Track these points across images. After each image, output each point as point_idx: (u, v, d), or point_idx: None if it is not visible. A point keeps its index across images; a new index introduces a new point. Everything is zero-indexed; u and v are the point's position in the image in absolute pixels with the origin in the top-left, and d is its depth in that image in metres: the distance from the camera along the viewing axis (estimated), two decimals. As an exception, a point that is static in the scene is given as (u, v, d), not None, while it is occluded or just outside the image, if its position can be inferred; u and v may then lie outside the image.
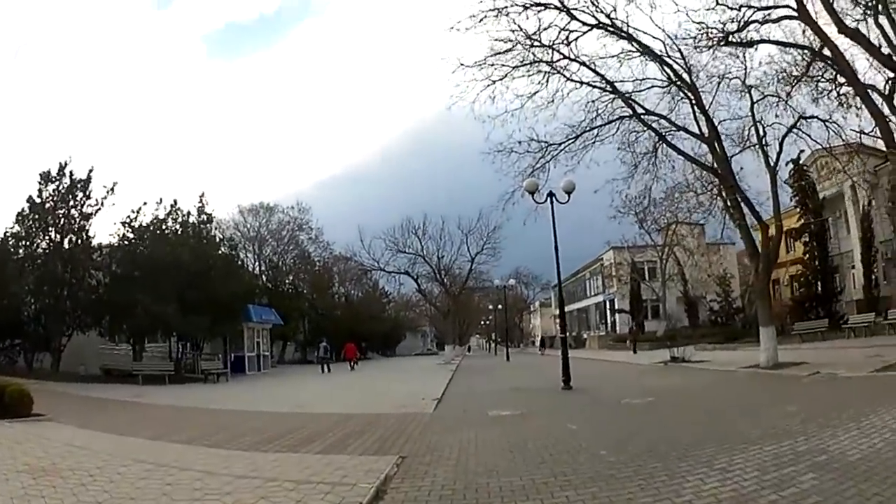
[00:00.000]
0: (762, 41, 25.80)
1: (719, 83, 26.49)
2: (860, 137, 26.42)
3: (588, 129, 27.05)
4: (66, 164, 38.46)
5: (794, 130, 25.77)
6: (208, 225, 44.67)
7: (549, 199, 25.59)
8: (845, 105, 25.40)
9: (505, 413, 17.41)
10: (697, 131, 26.57)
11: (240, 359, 47.73)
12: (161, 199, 42.88)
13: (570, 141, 27.08)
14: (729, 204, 27.37)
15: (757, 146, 26.30)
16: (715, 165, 26.57)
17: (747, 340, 44.00)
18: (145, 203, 41.74)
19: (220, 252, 45.48)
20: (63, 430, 15.68)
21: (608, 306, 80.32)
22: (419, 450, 12.05)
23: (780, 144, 26.02)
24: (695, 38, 25.68)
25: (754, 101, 26.11)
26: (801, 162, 38.60)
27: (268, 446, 13.06)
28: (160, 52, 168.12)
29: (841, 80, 24.88)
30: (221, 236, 50.45)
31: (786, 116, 26.01)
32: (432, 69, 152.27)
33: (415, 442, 13.14)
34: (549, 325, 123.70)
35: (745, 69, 26.15)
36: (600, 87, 27.03)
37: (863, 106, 24.15)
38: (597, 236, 74.58)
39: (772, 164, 26.06)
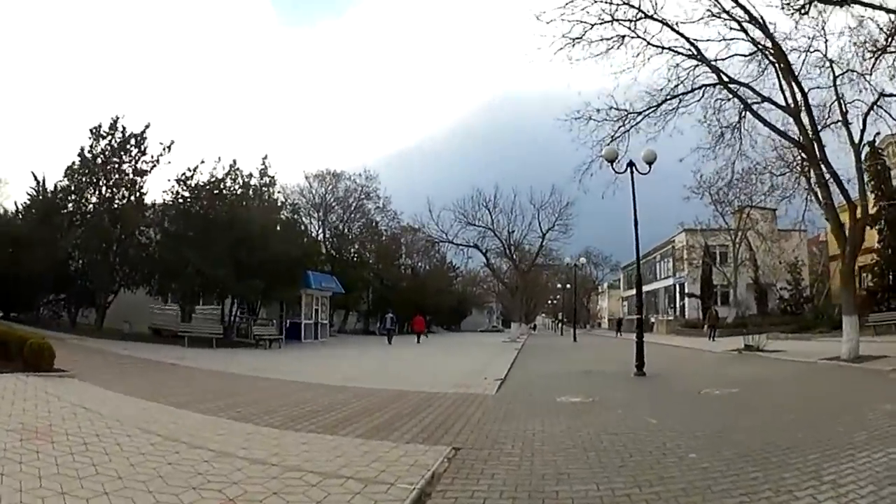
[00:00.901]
0: (855, 0, 23.36)
1: (803, 56, 24.66)
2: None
3: (670, 96, 25.56)
4: (118, 119, 37.56)
5: (875, 108, 24.04)
6: (270, 188, 43.44)
7: (628, 169, 23.82)
8: None
9: (575, 400, 15.63)
10: (783, 103, 24.89)
11: (296, 325, 46.49)
12: (220, 158, 41.67)
13: (651, 109, 25.65)
14: (813, 183, 25.81)
15: (840, 123, 24.53)
16: (801, 140, 24.80)
17: (820, 331, 43.30)
18: (203, 162, 39.71)
19: (280, 215, 44.42)
20: (81, 388, 14.75)
21: (678, 290, 78.21)
22: (476, 441, 10.41)
23: (864, 121, 24.23)
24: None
25: (836, 74, 24.25)
26: (875, 144, 36.18)
27: (302, 424, 11.64)
28: (230, 15, 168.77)
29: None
30: (284, 199, 48.68)
31: (866, 93, 24.25)
32: (510, 41, 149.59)
33: (472, 430, 11.51)
34: (617, 308, 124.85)
35: (825, 40, 24.25)
36: (683, 53, 25.38)
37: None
38: (667, 220, 72.69)
39: (856, 141, 24.41)
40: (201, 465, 7.93)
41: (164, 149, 37.67)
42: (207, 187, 38.79)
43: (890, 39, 23.38)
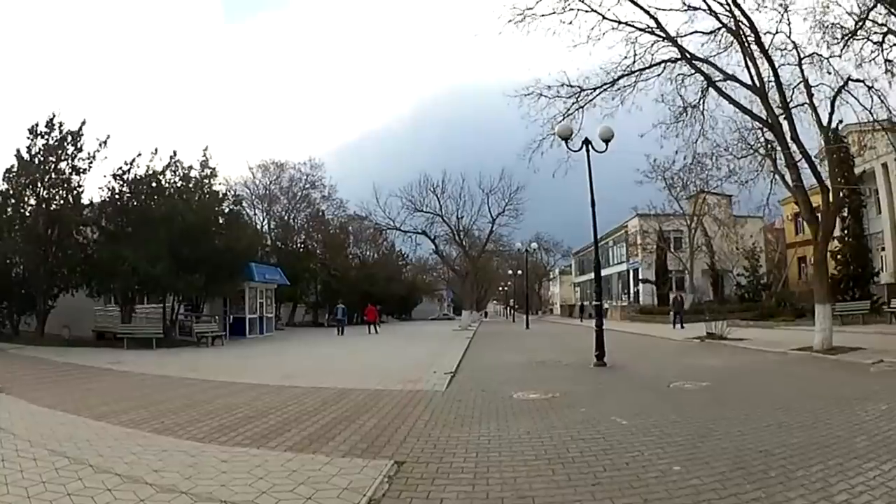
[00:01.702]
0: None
1: (768, 39, 23.93)
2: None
3: (627, 72, 24.79)
4: (55, 117, 35.91)
5: (842, 93, 23.31)
6: (211, 179, 41.55)
7: (584, 147, 22.56)
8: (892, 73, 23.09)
9: (533, 396, 14.49)
10: (748, 81, 24.13)
11: (240, 321, 44.94)
12: (156, 150, 40.42)
13: (607, 86, 24.89)
14: (781, 165, 24.98)
15: (807, 105, 23.79)
16: (768, 119, 23.98)
17: (783, 320, 43.31)
18: (139, 154, 38.57)
19: (222, 207, 42.80)
20: (5, 404, 13.87)
21: (631, 276, 78.07)
22: (423, 451, 9.33)
23: (832, 104, 23.38)
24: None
25: (801, 57, 23.58)
26: (838, 131, 35.80)
27: (228, 435, 10.60)
28: (172, 4, 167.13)
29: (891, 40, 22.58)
30: (226, 192, 46.99)
31: (830, 78, 23.74)
32: (460, 24, 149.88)
33: (418, 437, 10.38)
34: (570, 294, 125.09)
35: (789, 22, 23.63)
36: (642, 28, 24.50)
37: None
38: (620, 205, 72.88)
39: (824, 124, 23.66)
40: (102, 497, 7.05)
41: (100, 144, 36.04)
42: (145, 181, 37.41)
43: (859, 24, 22.85)
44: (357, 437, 10.22)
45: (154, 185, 37.44)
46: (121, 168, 36.99)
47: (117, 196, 37.07)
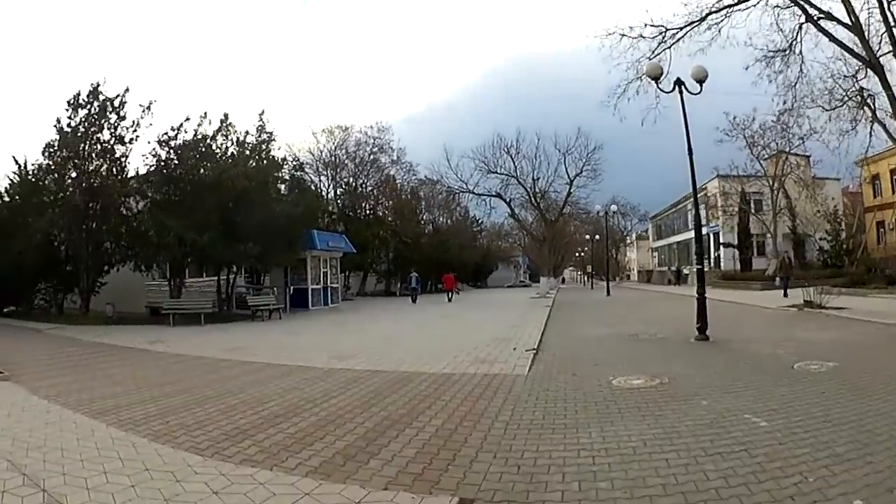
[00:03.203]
0: None
1: None
2: None
3: (716, 9, 22.99)
4: (98, 86, 33.75)
5: None
6: (269, 145, 38.94)
7: (676, 88, 19.91)
8: None
9: (637, 383, 11.82)
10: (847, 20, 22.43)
11: (302, 292, 42.67)
12: (206, 114, 36.88)
13: (695, 24, 23.13)
14: (887, 113, 23.42)
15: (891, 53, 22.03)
16: (870, 59, 22.28)
17: (875, 287, 40.92)
18: (188, 119, 35.54)
19: (281, 173, 40.82)
20: (4, 394, 12.28)
21: (712, 240, 74.43)
22: (500, 480, 6.65)
23: None
24: None
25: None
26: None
27: (240, 445, 8.23)
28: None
29: None
30: (284, 157, 45.35)
31: None
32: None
33: (495, 452, 7.68)
34: (647, 259, 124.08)
35: None
36: None
37: None
38: (698, 166, 70.51)
39: None
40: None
41: (143, 110, 33.87)
42: (193, 146, 34.94)
43: None
44: (411, 452, 7.66)
45: (203, 150, 35.13)
46: (166, 133, 34.46)
47: (163, 163, 34.64)
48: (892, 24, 21.34)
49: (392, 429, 8.79)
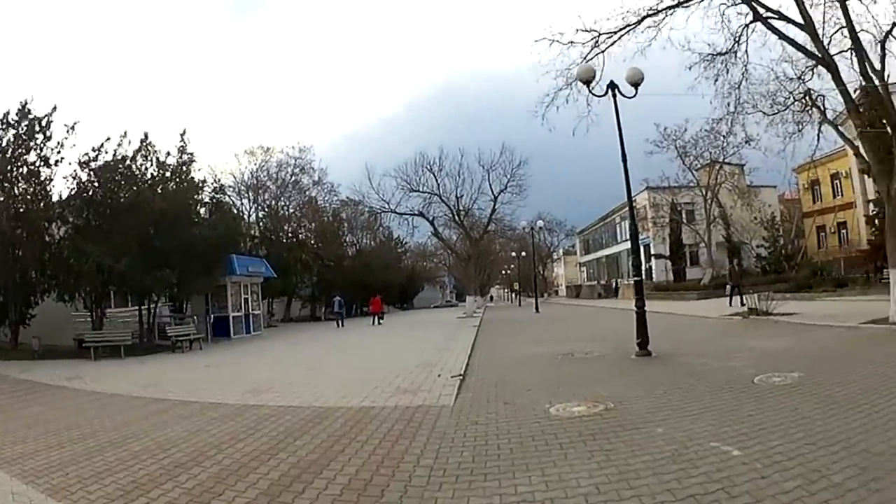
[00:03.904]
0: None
1: None
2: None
3: (653, 11, 22.17)
4: (26, 105, 32.15)
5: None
6: (189, 166, 37.88)
7: (610, 91, 19.19)
8: None
9: (578, 410, 10.66)
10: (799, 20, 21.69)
11: (223, 320, 41.18)
12: (126, 133, 35.65)
13: (631, 27, 22.39)
14: (836, 112, 23.30)
15: (851, 51, 21.36)
16: (823, 57, 21.50)
17: (823, 290, 40.17)
18: (108, 139, 34.40)
19: (199, 196, 39.37)
20: None
21: (643, 252, 73.97)
22: None
23: (882, 47, 21.08)
24: None
25: None
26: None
27: None
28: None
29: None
30: (204, 179, 43.36)
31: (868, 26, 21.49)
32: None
33: None
34: (574, 274, 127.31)
35: None
36: None
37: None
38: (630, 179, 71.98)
39: (877, 69, 21.03)
40: None
41: (68, 130, 32.30)
42: (112, 168, 33.73)
43: None
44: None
45: (123, 171, 33.98)
46: (87, 155, 33.34)
47: (83, 186, 33.50)
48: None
49: (299, 480, 7.75)
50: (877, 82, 20.87)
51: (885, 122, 22.90)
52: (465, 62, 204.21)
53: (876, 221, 40.37)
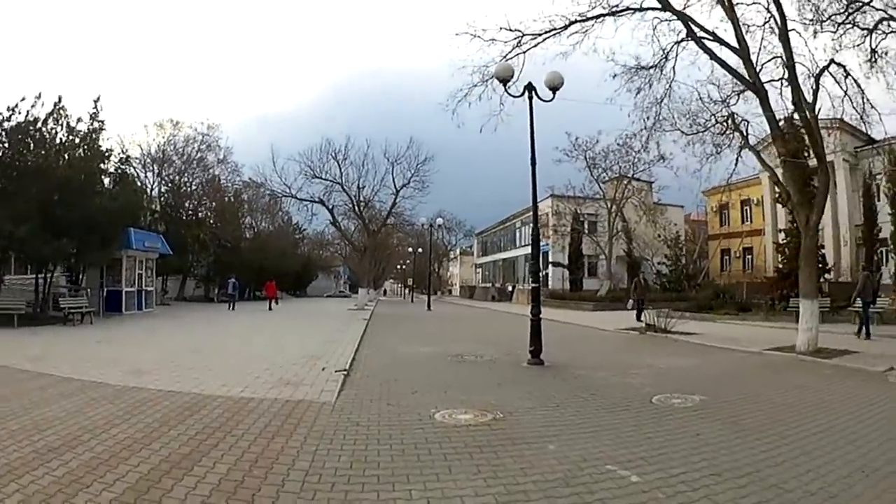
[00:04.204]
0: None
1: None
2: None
3: (582, 18, 22.15)
4: None
5: (825, 73, 21.62)
6: (99, 134, 36.63)
7: (526, 93, 19.21)
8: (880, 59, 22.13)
9: (465, 418, 10.57)
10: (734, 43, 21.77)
11: (116, 294, 40.25)
12: (40, 95, 34.38)
13: (556, 31, 22.23)
14: (761, 138, 24.10)
15: (785, 81, 21.64)
16: (754, 82, 21.65)
17: (725, 313, 40.62)
18: (23, 99, 33.13)
19: (105, 165, 38.23)
20: None
21: (541, 259, 74.80)
22: None
23: (816, 82, 21.40)
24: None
25: (783, 30, 21.43)
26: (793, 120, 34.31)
27: (2, 492, 6.75)
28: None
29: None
30: (110, 148, 42.20)
31: (803, 59, 22.02)
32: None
33: None
34: (470, 275, 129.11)
35: None
36: None
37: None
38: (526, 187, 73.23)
39: (808, 101, 21.29)
40: None
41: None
42: (23, 130, 32.55)
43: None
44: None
45: (32, 134, 32.86)
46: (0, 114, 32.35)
47: (-7, 147, 32.69)
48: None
49: (168, 476, 7.34)
50: (808, 114, 21.23)
51: (806, 153, 23.39)
52: (382, 56, 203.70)
53: (786, 250, 40.93)
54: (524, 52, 22.21)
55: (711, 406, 11.63)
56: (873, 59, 21.77)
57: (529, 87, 19.17)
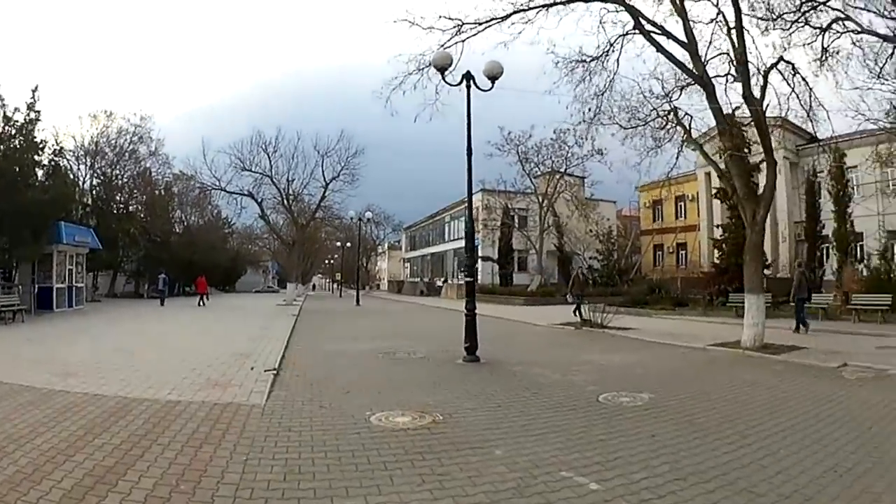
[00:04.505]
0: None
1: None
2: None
3: (525, 7, 21.83)
4: None
5: (775, 69, 21.91)
6: (35, 125, 36.65)
7: (464, 82, 19.06)
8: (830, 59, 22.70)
9: (402, 420, 10.12)
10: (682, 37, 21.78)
11: (47, 291, 39.22)
12: None
13: (498, 20, 21.90)
14: (704, 133, 24.86)
15: (733, 77, 21.87)
16: (703, 77, 21.73)
17: (661, 308, 41.03)
18: (-38, 89, 32.73)
19: (38, 157, 37.86)
20: None
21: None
22: None
23: (765, 78, 21.59)
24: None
25: (730, 27, 21.57)
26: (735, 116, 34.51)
27: None
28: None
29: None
30: (44, 139, 41.44)
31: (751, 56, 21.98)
32: None
33: None
34: (398, 269, 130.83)
35: None
36: None
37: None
38: (461, 178, 74.28)
39: (756, 97, 21.48)
40: None
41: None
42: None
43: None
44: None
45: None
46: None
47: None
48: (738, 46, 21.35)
49: (92, 493, 6.70)
50: (758, 108, 21.42)
51: (748, 150, 23.71)
52: (317, 50, 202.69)
53: (724, 246, 41.49)
54: (463, 42, 21.99)
55: (662, 405, 11.42)
56: (824, 58, 22.10)
57: (468, 76, 19.03)
